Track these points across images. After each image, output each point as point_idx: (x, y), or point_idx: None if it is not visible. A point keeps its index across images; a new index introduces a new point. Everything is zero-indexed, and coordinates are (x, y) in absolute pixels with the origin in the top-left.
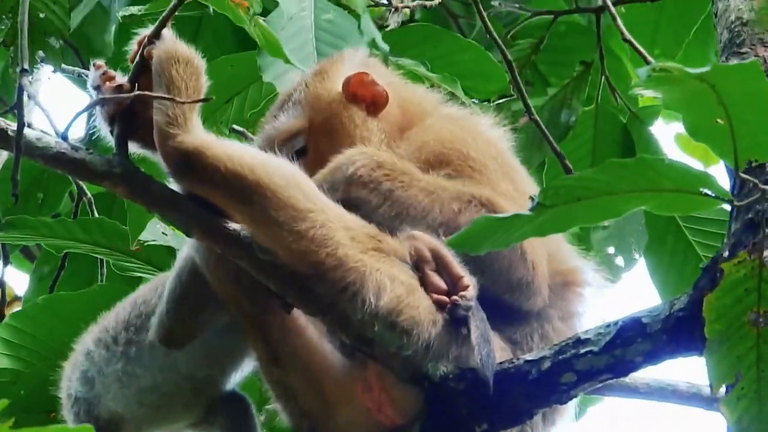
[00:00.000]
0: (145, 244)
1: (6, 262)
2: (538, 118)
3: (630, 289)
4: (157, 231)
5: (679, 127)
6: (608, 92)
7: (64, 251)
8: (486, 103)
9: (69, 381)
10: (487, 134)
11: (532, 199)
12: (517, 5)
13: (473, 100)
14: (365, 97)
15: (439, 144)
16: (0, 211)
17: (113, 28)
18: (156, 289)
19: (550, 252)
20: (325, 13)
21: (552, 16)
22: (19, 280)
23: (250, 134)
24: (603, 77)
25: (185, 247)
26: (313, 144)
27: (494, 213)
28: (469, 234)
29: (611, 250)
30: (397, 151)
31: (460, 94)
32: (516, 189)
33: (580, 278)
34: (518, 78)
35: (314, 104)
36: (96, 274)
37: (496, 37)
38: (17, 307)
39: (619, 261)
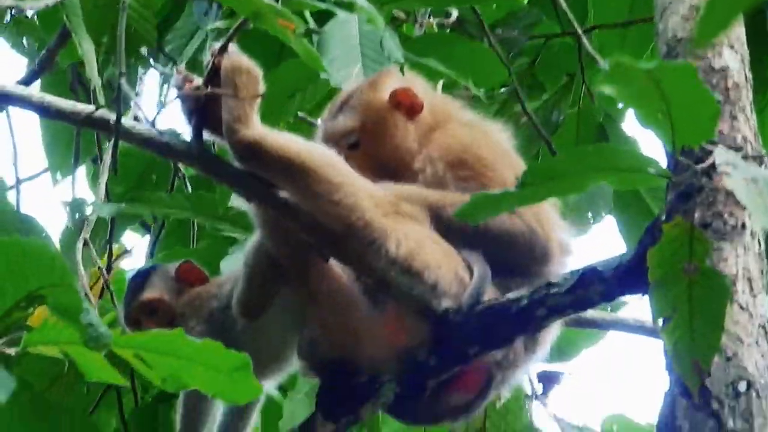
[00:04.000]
0: (234, 210)
1: (113, 226)
2: (534, 116)
3: (601, 239)
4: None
5: None
6: (588, 97)
7: (171, 218)
8: (491, 91)
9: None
10: (495, 136)
11: (516, 178)
12: (515, 32)
13: (481, 89)
14: (406, 105)
15: (460, 148)
16: (123, 190)
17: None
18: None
19: (555, 226)
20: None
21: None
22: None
23: (310, 119)
24: (583, 85)
25: (249, 242)
26: (364, 140)
27: None
28: (469, 207)
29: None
30: (425, 150)
31: (471, 86)
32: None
33: (567, 249)
34: (518, 87)
35: (366, 109)
36: (189, 235)
37: (501, 53)
38: (128, 258)
39: (589, 217)
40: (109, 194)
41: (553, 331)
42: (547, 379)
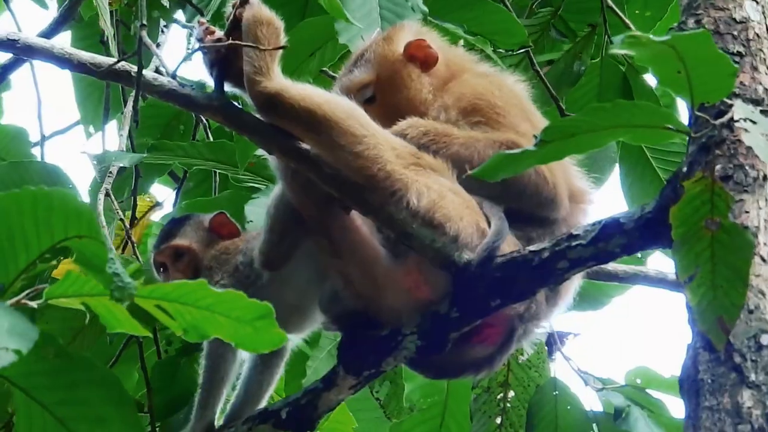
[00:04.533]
0: (260, 158)
1: (137, 176)
2: (543, 75)
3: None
4: None
5: None
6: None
7: (194, 168)
8: (510, 52)
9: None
10: (510, 87)
11: (535, 137)
12: None
13: (500, 50)
14: (420, 57)
15: (473, 96)
16: (150, 141)
17: None
18: None
19: (565, 174)
20: None
21: None
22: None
23: (331, 72)
24: (606, 36)
25: (271, 195)
26: (379, 93)
27: None
28: (488, 166)
29: None
30: (440, 100)
31: (489, 52)
32: (534, 127)
33: (586, 197)
34: (531, 50)
35: (381, 63)
36: (211, 185)
37: (510, 7)
38: (159, 211)
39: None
40: (134, 146)
41: (575, 283)
42: (551, 341)
